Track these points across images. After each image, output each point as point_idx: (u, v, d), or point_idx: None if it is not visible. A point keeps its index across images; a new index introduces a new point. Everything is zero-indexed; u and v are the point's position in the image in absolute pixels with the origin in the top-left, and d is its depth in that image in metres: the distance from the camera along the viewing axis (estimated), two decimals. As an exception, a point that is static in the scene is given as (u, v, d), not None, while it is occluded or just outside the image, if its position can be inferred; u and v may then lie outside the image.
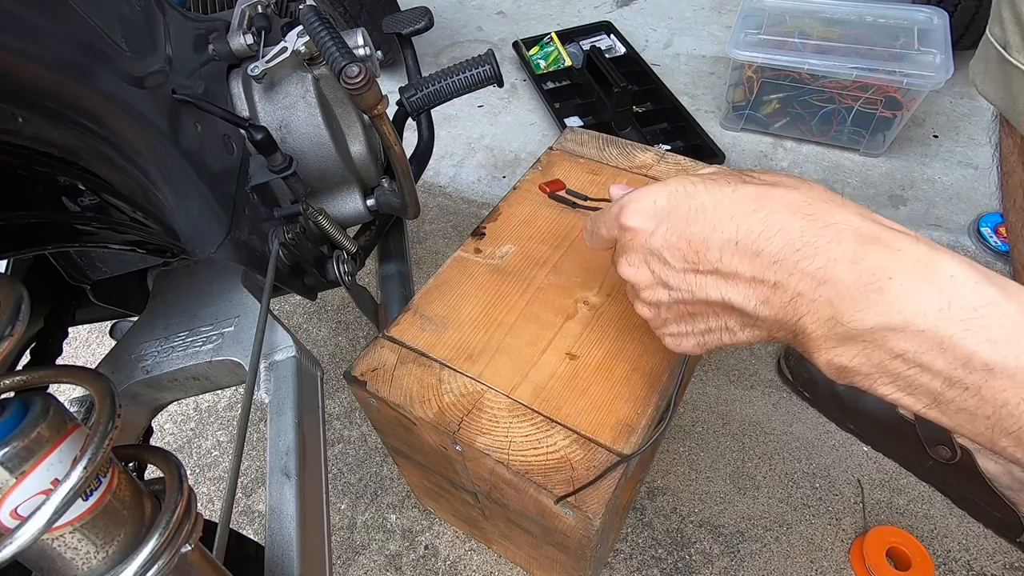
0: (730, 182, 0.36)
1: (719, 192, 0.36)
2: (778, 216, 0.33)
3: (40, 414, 0.26)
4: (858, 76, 1.13)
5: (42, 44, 0.31)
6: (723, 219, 0.35)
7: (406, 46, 0.73)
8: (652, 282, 0.40)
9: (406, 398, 0.55)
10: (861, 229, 0.31)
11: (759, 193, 0.34)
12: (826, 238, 0.32)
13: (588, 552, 0.54)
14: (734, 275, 0.35)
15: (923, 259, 0.30)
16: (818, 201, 0.33)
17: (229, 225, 0.48)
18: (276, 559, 0.44)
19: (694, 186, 0.37)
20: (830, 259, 0.31)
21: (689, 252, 0.36)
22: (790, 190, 0.34)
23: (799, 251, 0.32)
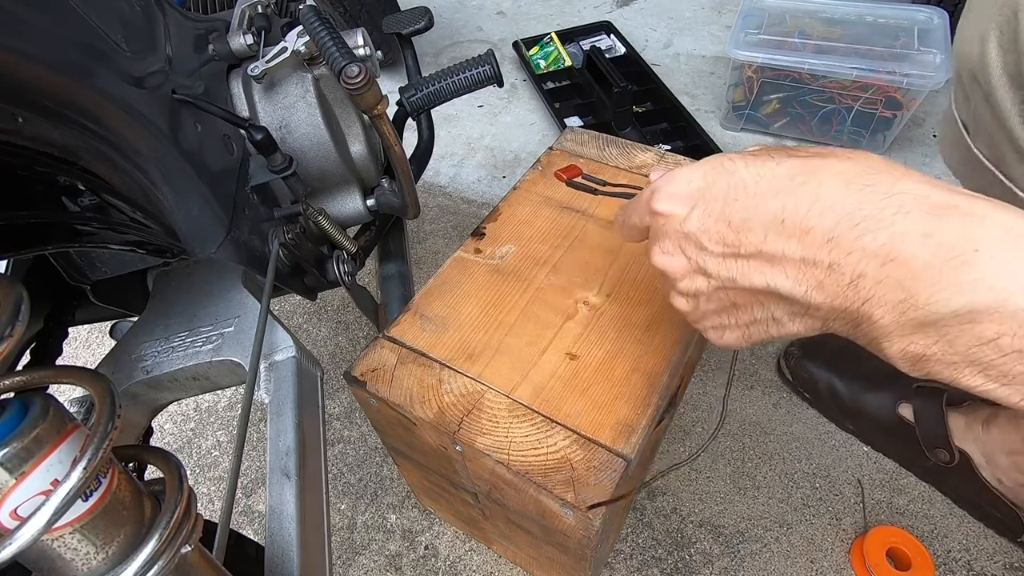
0: (774, 156, 0.32)
1: (761, 167, 0.32)
2: (831, 188, 0.29)
3: (40, 414, 0.26)
4: (858, 76, 1.13)
5: (42, 44, 0.31)
6: (766, 196, 0.31)
7: (406, 46, 0.73)
8: (688, 270, 0.36)
9: (406, 398, 0.55)
10: (932, 197, 0.27)
11: (807, 165, 0.31)
12: (891, 209, 0.27)
13: (588, 552, 0.54)
14: (781, 257, 0.31)
15: (1013, 226, 0.25)
16: (877, 171, 0.29)
17: (229, 225, 0.48)
18: (276, 559, 0.44)
19: (733, 162, 0.33)
20: (897, 233, 0.27)
21: (729, 234, 0.33)
22: (843, 160, 0.30)
23: (858, 226, 0.28)
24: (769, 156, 0.32)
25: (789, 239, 0.30)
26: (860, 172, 0.29)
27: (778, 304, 0.33)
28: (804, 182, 0.30)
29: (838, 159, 0.30)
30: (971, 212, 0.26)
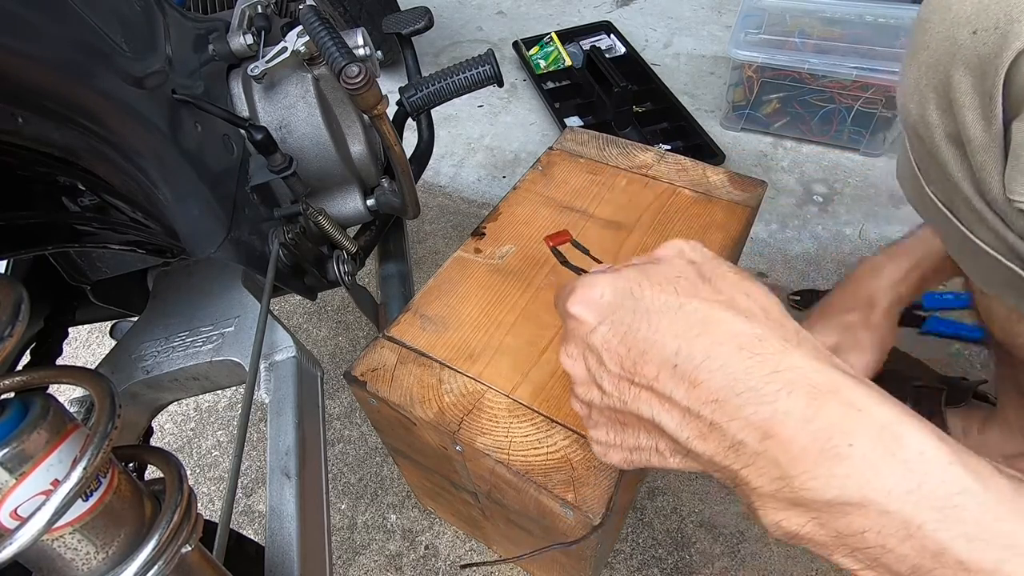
0: (679, 292, 0.32)
1: (665, 302, 0.32)
2: (723, 349, 0.29)
3: (40, 415, 0.26)
4: (858, 76, 1.13)
5: (42, 44, 0.31)
6: (666, 332, 0.31)
7: (406, 46, 0.73)
8: (587, 379, 0.37)
9: (406, 398, 0.55)
10: (816, 378, 0.28)
11: (707, 315, 0.31)
12: (775, 385, 0.28)
13: (588, 552, 0.54)
14: (669, 399, 0.31)
15: (888, 425, 0.26)
16: (771, 338, 0.29)
17: (229, 225, 0.48)
18: (276, 559, 0.44)
19: (641, 288, 0.33)
20: (779, 411, 0.27)
21: (627, 360, 0.33)
22: (740, 318, 0.30)
23: (741, 395, 0.28)
24: (676, 290, 0.33)
25: (678, 385, 0.30)
26: (753, 337, 0.29)
27: (662, 438, 0.34)
28: (700, 334, 0.30)
29: (735, 316, 0.30)
30: (851, 402, 0.27)
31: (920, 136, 0.39)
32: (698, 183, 0.71)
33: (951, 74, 0.35)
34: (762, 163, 1.29)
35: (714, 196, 0.69)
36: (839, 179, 1.24)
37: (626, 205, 0.69)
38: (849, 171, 1.26)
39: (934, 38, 0.35)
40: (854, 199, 1.20)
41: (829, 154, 1.29)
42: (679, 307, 0.32)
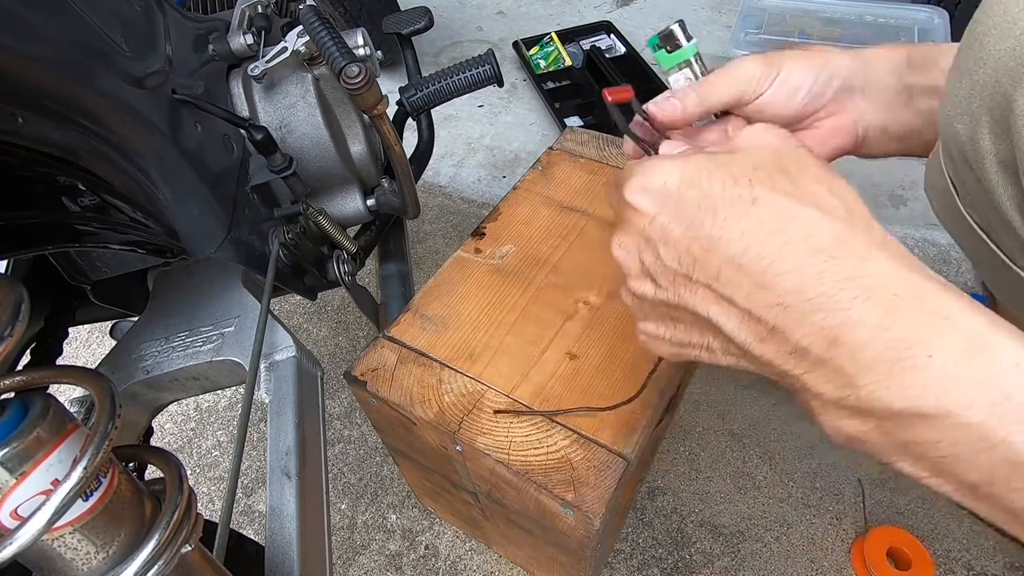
0: (754, 183, 0.30)
1: (737, 195, 0.30)
2: (796, 249, 0.27)
3: (40, 414, 0.26)
4: (858, 76, 1.13)
5: (42, 44, 0.31)
6: (733, 229, 0.29)
7: (406, 46, 0.73)
8: (640, 273, 0.35)
9: (406, 398, 0.55)
10: (899, 287, 0.25)
11: (783, 212, 0.28)
12: (851, 292, 0.26)
13: (588, 552, 0.54)
14: (729, 300, 0.30)
15: (977, 335, 0.24)
16: (852, 241, 0.27)
17: (229, 225, 0.48)
18: (276, 559, 0.44)
19: (711, 178, 0.31)
20: (851, 319, 0.25)
21: (686, 256, 0.31)
22: (823, 217, 0.28)
23: (810, 301, 0.26)
24: (749, 183, 0.30)
25: (741, 285, 0.29)
26: (832, 238, 0.27)
27: (716, 337, 0.32)
28: (772, 232, 0.28)
29: (818, 214, 0.28)
30: (936, 310, 0.25)
31: (967, 158, 0.36)
32: (698, 183, 0.71)
33: (1014, 97, 0.31)
34: (762, 163, 1.29)
35: (714, 196, 0.69)
36: (839, 179, 1.24)
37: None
38: (849, 171, 1.26)
39: (992, 54, 0.32)
40: (854, 199, 1.20)
41: (829, 154, 1.29)
42: (752, 201, 0.29)
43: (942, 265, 1.08)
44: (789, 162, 0.31)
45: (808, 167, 0.30)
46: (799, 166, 0.30)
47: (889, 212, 1.17)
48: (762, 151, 0.32)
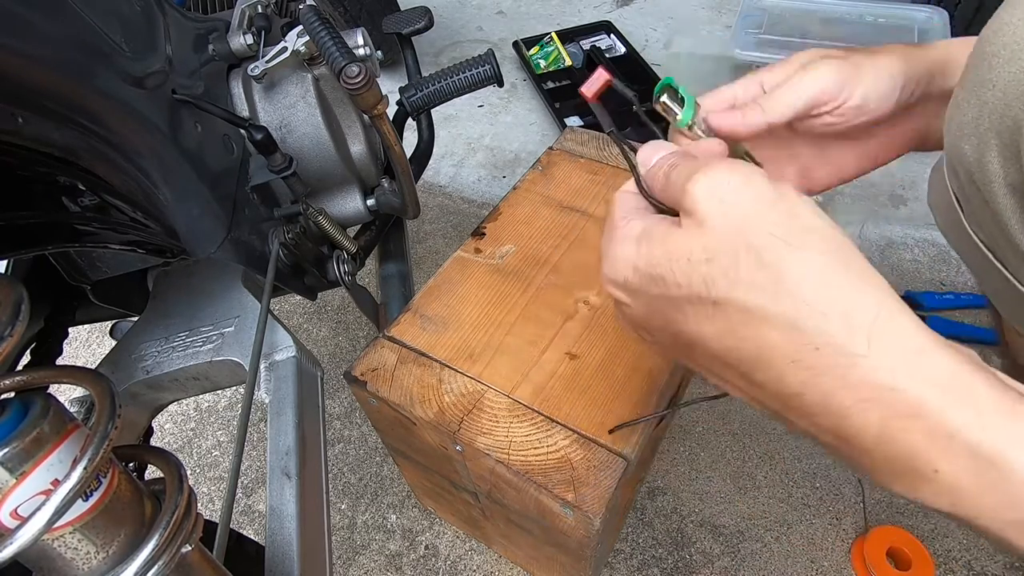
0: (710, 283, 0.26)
1: (698, 296, 0.27)
2: (775, 359, 0.25)
3: (40, 414, 0.26)
4: (858, 76, 1.13)
5: (42, 44, 0.31)
6: (706, 331, 0.27)
7: (406, 46, 0.73)
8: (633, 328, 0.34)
9: (406, 398, 0.55)
10: (894, 398, 0.23)
11: (750, 316, 0.25)
12: (843, 400, 0.24)
13: (588, 552, 0.54)
14: (727, 381, 0.29)
15: (983, 451, 0.22)
16: (832, 344, 0.23)
17: (229, 225, 0.48)
18: (276, 559, 0.44)
19: (664, 277, 0.28)
20: (851, 426, 0.24)
21: (676, 344, 0.30)
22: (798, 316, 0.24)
23: (805, 404, 0.25)
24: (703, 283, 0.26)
25: (735, 377, 0.28)
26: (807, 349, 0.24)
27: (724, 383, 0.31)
28: (744, 339, 0.26)
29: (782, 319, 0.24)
30: (936, 428, 0.23)
31: (973, 179, 0.35)
32: (698, 183, 0.71)
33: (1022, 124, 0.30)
34: (762, 163, 1.29)
35: (714, 196, 0.69)
36: (839, 179, 1.24)
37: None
38: (849, 171, 1.26)
39: (1002, 76, 0.31)
40: (854, 198, 1.20)
41: (829, 154, 1.29)
42: (713, 305, 0.26)
43: (942, 265, 1.08)
44: (757, 240, 0.25)
45: (779, 244, 0.25)
46: (769, 245, 0.25)
47: (889, 212, 1.17)
48: (723, 229, 0.26)
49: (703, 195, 0.27)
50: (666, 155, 0.33)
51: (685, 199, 0.28)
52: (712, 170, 0.27)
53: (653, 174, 0.32)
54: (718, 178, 0.27)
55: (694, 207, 0.27)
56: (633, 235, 0.30)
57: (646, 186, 0.33)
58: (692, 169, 0.28)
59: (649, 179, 0.33)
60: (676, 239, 0.28)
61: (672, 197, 0.30)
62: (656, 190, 0.32)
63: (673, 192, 0.29)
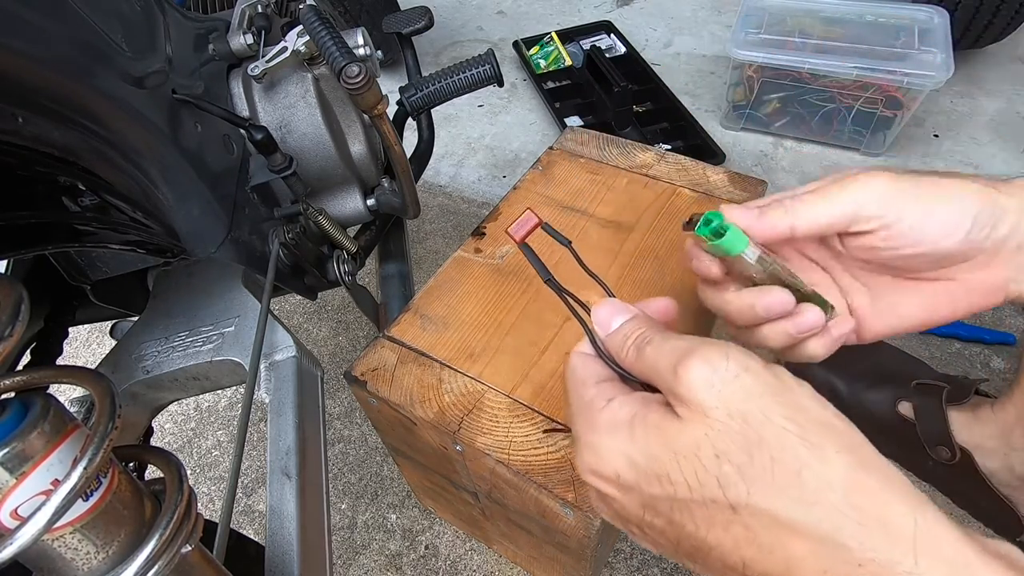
0: (726, 484, 0.24)
1: (712, 499, 0.24)
2: (805, 570, 0.22)
3: (40, 415, 0.26)
4: (859, 75, 1.13)
5: (42, 44, 0.31)
6: (723, 539, 0.24)
7: (406, 46, 0.73)
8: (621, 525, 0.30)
9: (406, 398, 0.55)
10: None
11: (773, 523, 0.23)
12: None
13: (588, 552, 0.54)
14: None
15: None
16: (873, 563, 0.21)
17: (229, 225, 0.48)
18: (276, 559, 0.44)
19: (669, 473, 0.25)
20: None
21: (678, 548, 0.27)
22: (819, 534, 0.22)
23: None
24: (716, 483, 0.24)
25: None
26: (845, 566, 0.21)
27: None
28: (769, 550, 0.23)
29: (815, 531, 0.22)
30: None
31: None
32: (698, 183, 0.71)
33: None
34: (762, 163, 1.29)
35: (714, 196, 0.69)
36: (839, 179, 1.24)
37: (626, 205, 0.69)
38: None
39: None
40: (854, 199, 1.20)
41: (829, 154, 1.29)
42: (731, 511, 0.23)
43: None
44: (769, 435, 0.24)
45: (795, 442, 0.23)
46: (785, 443, 0.23)
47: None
48: (729, 423, 0.24)
49: (700, 383, 0.25)
50: (628, 321, 0.30)
51: (678, 386, 0.25)
52: (705, 355, 0.25)
53: (618, 343, 0.30)
54: (714, 364, 0.25)
55: (691, 396, 0.25)
56: (621, 421, 0.27)
57: (605, 351, 0.31)
58: (674, 349, 0.26)
59: (612, 347, 0.30)
60: (678, 432, 0.25)
61: (652, 375, 0.28)
62: (626, 362, 0.29)
63: (654, 370, 0.27)
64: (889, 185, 0.32)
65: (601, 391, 0.29)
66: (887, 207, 0.31)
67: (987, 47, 1.33)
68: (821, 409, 0.25)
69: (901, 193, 0.31)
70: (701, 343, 0.26)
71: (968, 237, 0.31)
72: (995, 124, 1.28)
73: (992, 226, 0.31)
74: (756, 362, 0.25)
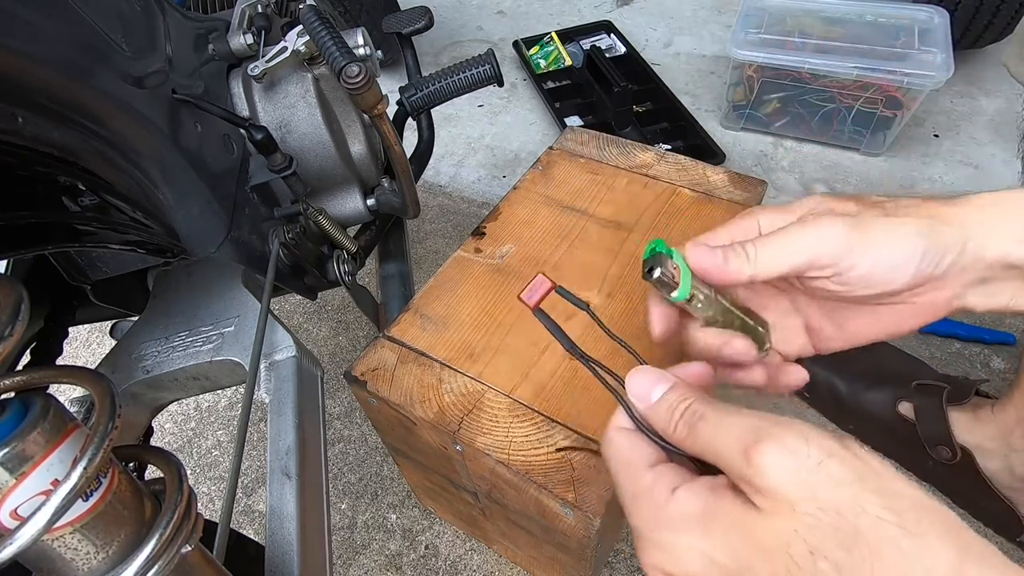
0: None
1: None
2: None
3: (40, 415, 0.26)
4: (859, 75, 1.13)
5: (42, 44, 0.31)
6: None
7: (406, 46, 0.73)
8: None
9: (406, 398, 0.55)
10: None
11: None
12: None
13: (588, 552, 0.54)
14: None
15: None
16: None
17: (229, 225, 0.48)
18: (276, 559, 0.44)
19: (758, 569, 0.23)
20: None
21: None
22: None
23: None
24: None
25: None
26: None
27: None
28: None
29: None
30: None
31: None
32: (698, 183, 0.71)
33: None
34: (762, 163, 1.29)
35: (714, 196, 0.69)
36: (839, 179, 1.24)
37: (626, 205, 0.69)
38: (849, 171, 1.26)
39: None
40: (854, 199, 1.20)
41: (829, 154, 1.29)
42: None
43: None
44: (865, 525, 0.22)
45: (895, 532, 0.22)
46: (884, 533, 0.22)
47: (889, 212, 1.17)
48: (819, 515, 0.22)
49: (782, 473, 0.23)
50: (670, 392, 0.29)
51: (753, 475, 0.23)
52: (780, 439, 0.24)
53: (663, 417, 0.28)
54: (793, 450, 0.23)
55: (772, 487, 0.23)
56: (693, 516, 0.25)
57: (647, 427, 0.29)
58: (737, 429, 0.24)
59: (657, 421, 0.29)
60: (764, 528, 0.23)
61: (711, 456, 0.26)
62: (674, 438, 0.28)
63: (714, 453, 0.26)
64: (845, 235, 0.32)
65: (660, 478, 0.27)
66: (841, 257, 0.32)
67: (987, 47, 1.33)
68: (913, 490, 0.23)
69: (855, 243, 0.32)
70: (769, 423, 0.25)
71: (917, 272, 0.32)
72: (995, 124, 1.28)
73: (938, 262, 0.32)
74: (835, 443, 0.24)
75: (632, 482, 0.28)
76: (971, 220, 0.33)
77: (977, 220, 0.32)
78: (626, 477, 0.28)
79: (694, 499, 0.25)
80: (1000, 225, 0.32)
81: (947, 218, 0.33)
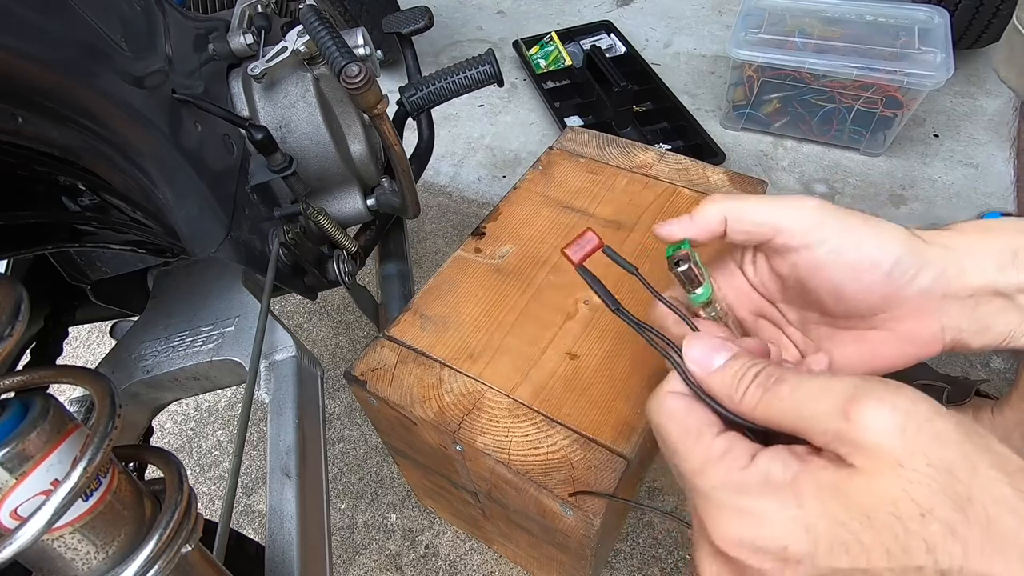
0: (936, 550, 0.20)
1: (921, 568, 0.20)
2: None
3: (40, 414, 0.26)
4: (859, 75, 1.13)
5: (42, 44, 0.31)
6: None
7: (406, 45, 0.73)
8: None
9: (406, 398, 0.55)
10: None
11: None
12: None
13: (588, 552, 0.54)
14: None
15: None
16: None
17: (229, 225, 0.48)
18: (276, 559, 0.44)
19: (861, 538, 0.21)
20: None
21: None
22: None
23: None
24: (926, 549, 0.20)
25: None
26: None
27: None
28: None
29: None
30: None
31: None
32: (698, 183, 0.71)
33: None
34: (762, 163, 1.29)
35: (714, 196, 0.69)
36: (839, 179, 1.24)
37: (626, 205, 0.69)
38: (849, 170, 1.26)
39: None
40: (854, 198, 1.20)
41: (829, 153, 1.29)
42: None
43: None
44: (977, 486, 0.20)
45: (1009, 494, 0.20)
46: (997, 495, 0.20)
47: (889, 211, 1.17)
48: (929, 473, 0.21)
49: (888, 429, 0.21)
50: (734, 358, 0.28)
51: (854, 431, 0.22)
52: (882, 396, 0.22)
53: (729, 384, 0.27)
54: (899, 406, 0.22)
55: (877, 443, 0.21)
56: (780, 482, 0.23)
57: (707, 394, 0.28)
58: (833, 388, 0.23)
59: (720, 389, 0.27)
60: (866, 489, 0.21)
61: (795, 420, 0.24)
62: (742, 405, 0.26)
63: (799, 416, 0.24)
64: (820, 209, 0.32)
65: (735, 445, 0.25)
66: (813, 229, 0.32)
67: (987, 47, 1.33)
68: (1012, 453, 0.22)
69: (829, 218, 0.32)
70: (869, 382, 0.23)
71: (889, 277, 0.31)
72: (995, 124, 1.28)
73: (914, 275, 0.31)
74: (939, 405, 0.23)
75: (702, 448, 0.26)
76: (955, 243, 0.32)
77: (962, 244, 0.32)
78: (691, 444, 0.26)
79: (779, 465, 0.24)
80: (985, 250, 0.31)
81: (931, 238, 0.32)
